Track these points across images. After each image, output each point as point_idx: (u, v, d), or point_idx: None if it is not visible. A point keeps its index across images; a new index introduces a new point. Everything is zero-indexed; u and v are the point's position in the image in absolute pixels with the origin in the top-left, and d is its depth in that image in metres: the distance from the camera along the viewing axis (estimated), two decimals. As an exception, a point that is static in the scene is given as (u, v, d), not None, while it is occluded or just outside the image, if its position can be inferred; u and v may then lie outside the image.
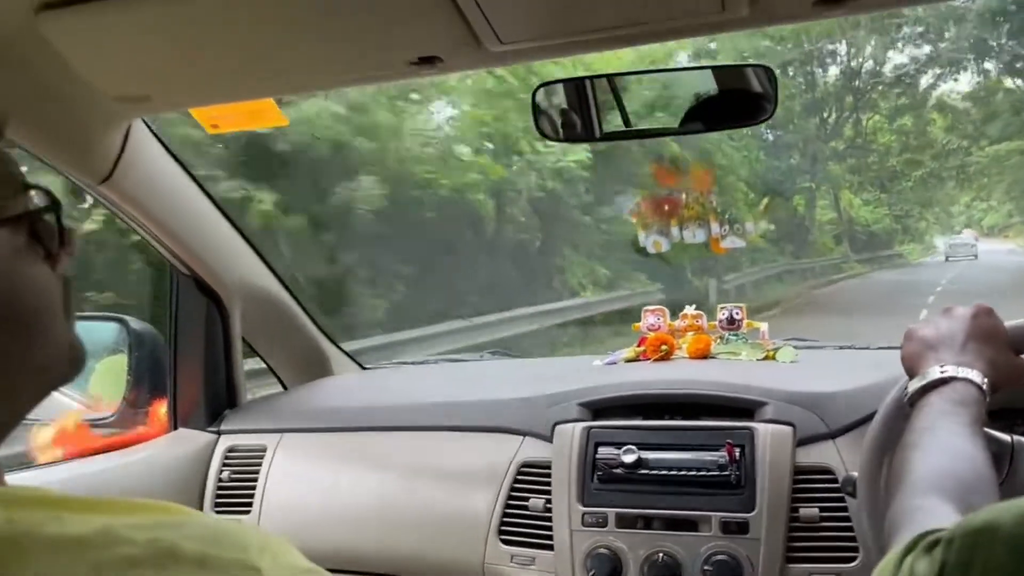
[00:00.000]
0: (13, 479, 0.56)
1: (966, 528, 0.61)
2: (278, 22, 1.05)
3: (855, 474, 1.12)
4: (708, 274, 13.88)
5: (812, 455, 1.28)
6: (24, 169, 0.60)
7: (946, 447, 0.84)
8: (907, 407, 0.97)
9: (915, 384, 0.96)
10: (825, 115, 23.95)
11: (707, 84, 1.40)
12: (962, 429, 0.86)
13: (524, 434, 1.46)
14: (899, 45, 22.77)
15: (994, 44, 21.34)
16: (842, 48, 23.26)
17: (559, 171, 11.54)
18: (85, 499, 0.53)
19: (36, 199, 0.60)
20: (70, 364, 0.62)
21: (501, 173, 10.77)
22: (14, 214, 0.56)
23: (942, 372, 0.94)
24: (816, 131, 22.98)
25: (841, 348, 1.85)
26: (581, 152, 11.61)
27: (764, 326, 1.76)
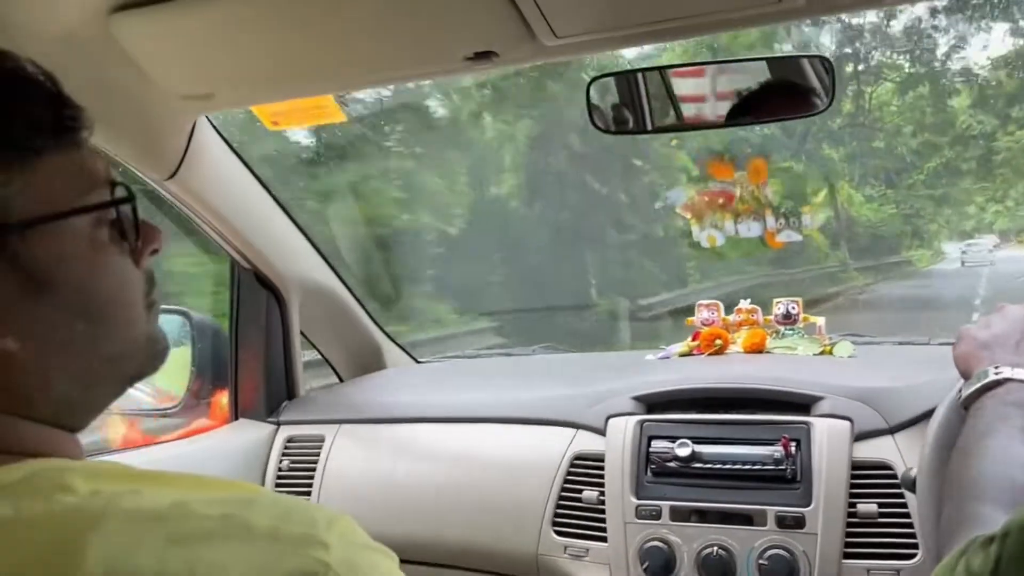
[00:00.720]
0: None
1: (1020, 522, 0.60)
2: (337, 20, 1.08)
3: (915, 471, 1.10)
4: (621, 292, 8.37)
5: (870, 450, 1.26)
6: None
7: (1002, 453, 0.83)
8: (962, 409, 0.95)
9: (969, 387, 0.94)
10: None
11: (758, 75, 1.38)
12: (1018, 433, 0.85)
13: (577, 427, 1.46)
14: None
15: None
16: None
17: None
18: (160, 474, 0.55)
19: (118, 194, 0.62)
20: (148, 357, 0.64)
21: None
22: (91, 203, 0.59)
23: (996, 373, 0.92)
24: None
25: (900, 344, 1.82)
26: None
27: (821, 320, 1.73)
